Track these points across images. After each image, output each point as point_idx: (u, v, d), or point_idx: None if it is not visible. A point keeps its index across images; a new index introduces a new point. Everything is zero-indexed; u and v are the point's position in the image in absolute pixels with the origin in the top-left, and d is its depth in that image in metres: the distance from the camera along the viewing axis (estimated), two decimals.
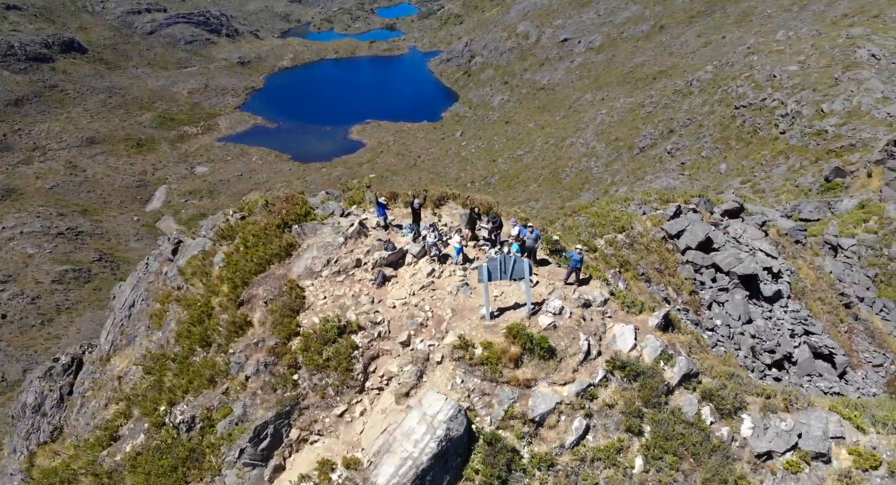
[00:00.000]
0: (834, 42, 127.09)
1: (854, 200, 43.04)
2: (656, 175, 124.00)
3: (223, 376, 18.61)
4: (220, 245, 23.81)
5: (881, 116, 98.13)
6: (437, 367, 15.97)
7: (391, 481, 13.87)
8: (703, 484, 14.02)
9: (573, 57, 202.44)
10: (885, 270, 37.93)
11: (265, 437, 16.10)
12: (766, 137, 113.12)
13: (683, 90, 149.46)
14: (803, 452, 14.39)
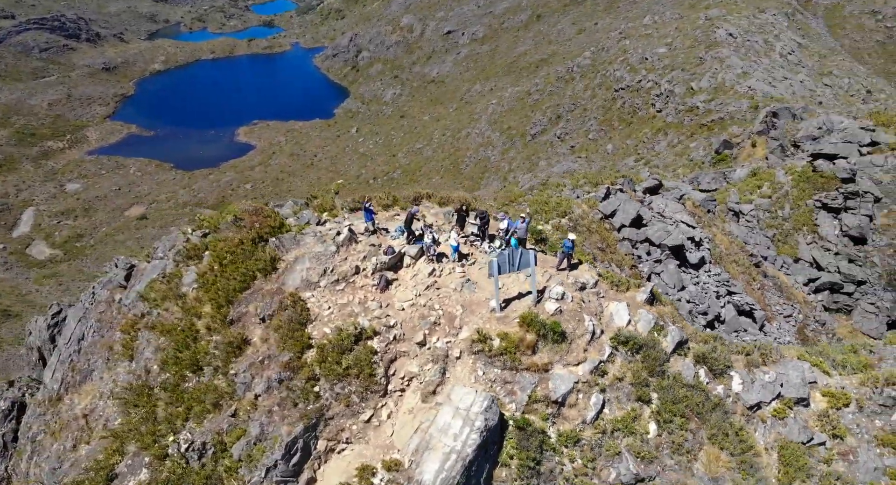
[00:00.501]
0: (695, 24, 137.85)
1: (745, 169, 47.98)
2: (550, 161, 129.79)
3: (228, 398, 18.29)
4: (187, 266, 22.97)
5: (743, 90, 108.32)
6: (456, 362, 16.72)
7: (439, 477, 14.52)
8: (709, 439, 15.89)
9: (458, 49, 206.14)
10: (780, 230, 42.85)
11: (295, 452, 16.19)
12: (645, 117, 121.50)
13: (566, 77, 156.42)
14: (786, 399, 16.63)
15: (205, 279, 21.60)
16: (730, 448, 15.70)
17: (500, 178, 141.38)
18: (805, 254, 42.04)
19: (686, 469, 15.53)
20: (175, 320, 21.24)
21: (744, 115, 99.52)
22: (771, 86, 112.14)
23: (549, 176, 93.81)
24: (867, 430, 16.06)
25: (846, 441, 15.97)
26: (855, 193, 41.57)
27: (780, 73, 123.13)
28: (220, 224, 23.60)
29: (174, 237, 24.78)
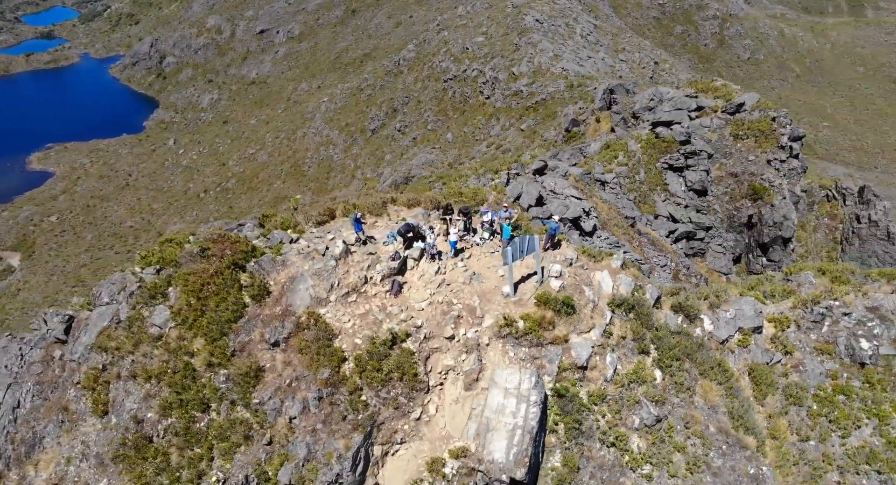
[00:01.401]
0: (504, 12, 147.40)
1: (598, 143, 54.02)
2: (396, 154, 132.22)
3: (259, 427, 18.05)
4: (150, 306, 21.56)
5: (558, 72, 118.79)
6: (487, 349, 18.22)
7: (511, 452, 16.11)
8: (701, 375, 19.15)
9: (276, 48, 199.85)
10: (639, 193, 49.20)
11: (359, 461, 16.73)
12: (476, 104, 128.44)
13: (394, 70, 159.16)
14: (746, 330, 20.40)
15: (184, 316, 20.62)
16: (718, 379, 19.12)
17: (348, 175, 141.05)
18: (662, 210, 48.85)
19: (689, 403, 18.67)
20: (161, 364, 20.08)
21: (562, 94, 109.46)
22: (580, 65, 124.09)
23: (409, 169, 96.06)
24: (807, 343, 20.44)
25: (794, 355, 20.18)
26: (693, 153, 49.06)
27: (585, 53, 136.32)
28: (177, 258, 22.37)
29: (121, 279, 22.89)
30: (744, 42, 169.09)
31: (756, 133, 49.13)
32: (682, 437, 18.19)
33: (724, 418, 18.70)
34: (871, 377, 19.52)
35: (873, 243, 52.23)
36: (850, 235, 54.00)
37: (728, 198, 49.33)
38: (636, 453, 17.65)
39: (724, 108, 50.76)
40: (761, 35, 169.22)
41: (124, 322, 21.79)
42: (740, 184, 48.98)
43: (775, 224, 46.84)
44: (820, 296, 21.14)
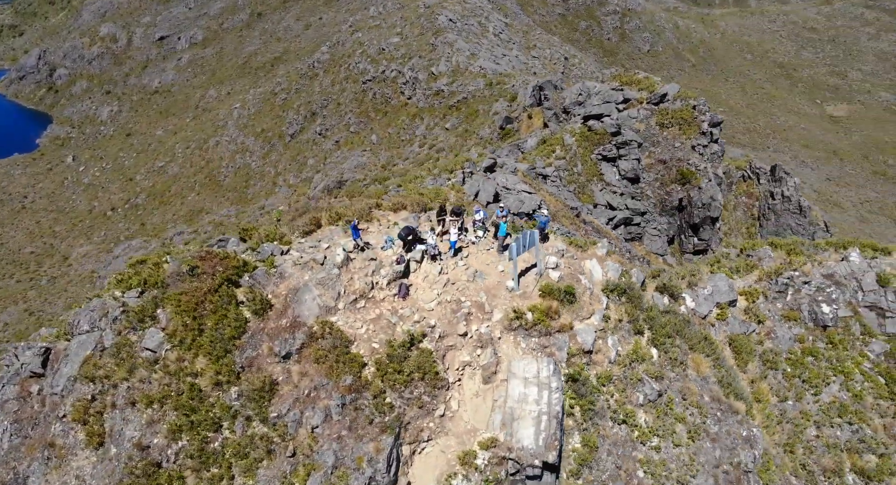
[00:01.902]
0: (417, 12, 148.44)
1: (534, 139, 55.94)
2: (318, 158, 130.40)
3: (280, 440, 17.95)
4: (139, 330, 20.76)
5: (476, 70, 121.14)
6: (499, 342, 18.94)
7: (540, 437, 16.95)
8: (691, 349, 20.70)
9: (179, 55, 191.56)
10: (578, 184, 51.45)
11: (392, 462, 17.02)
12: (398, 104, 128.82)
13: (309, 73, 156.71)
14: (723, 304, 22.19)
15: (180, 337, 20.06)
16: (705, 352, 20.74)
17: (269, 183, 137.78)
18: (600, 199, 51.30)
19: (684, 376, 20.16)
20: (162, 387, 19.45)
21: (483, 92, 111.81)
22: (496, 63, 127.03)
23: (342, 173, 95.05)
24: (775, 312, 22.50)
25: (766, 324, 22.18)
26: (624, 143, 51.78)
27: (499, 50, 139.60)
28: (162, 279, 21.60)
29: (101, 305, 21.80)
30: (643, 35, 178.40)
31: (679, 121, 52.53)
32: (682, 408, 19.65)
33: (716, 387, 20.35)
34: (833, 338, 21.81)
35: (787, 217, 57.22)
36: (766, 210, 58.86)
37: (659, 184, 52.49)
38: (644, 427, 18.92)
39: (648, 100, 53.89)
40: (658, 28, 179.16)
41: (110, 349, 20.92)
42: (669, 170, 52.23)
43: (703, 205, 50.35)
44: (781, 268, 23.36)
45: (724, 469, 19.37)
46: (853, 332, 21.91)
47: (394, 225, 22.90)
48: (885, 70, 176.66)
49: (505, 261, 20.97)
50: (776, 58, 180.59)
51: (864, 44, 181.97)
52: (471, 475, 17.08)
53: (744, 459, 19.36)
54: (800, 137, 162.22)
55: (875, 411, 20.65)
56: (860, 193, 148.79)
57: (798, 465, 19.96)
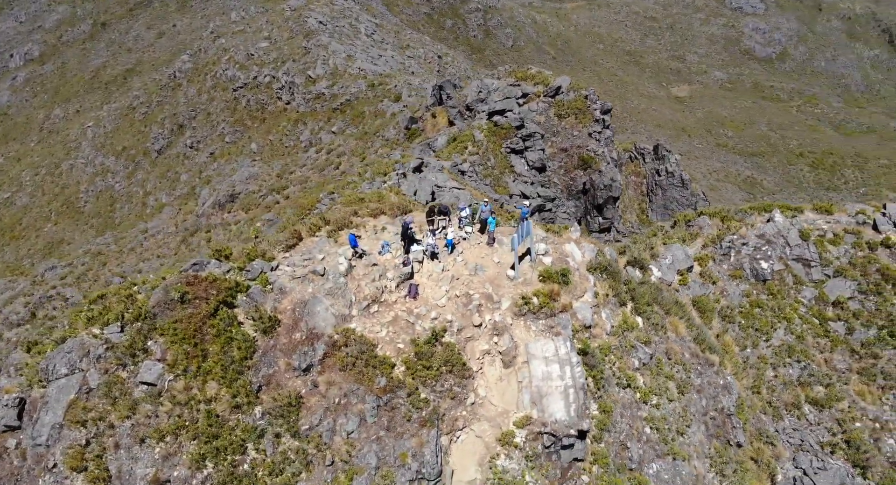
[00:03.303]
0: (284, 16, 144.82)
1: (444, 137, 57.54)
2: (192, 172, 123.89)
3: (316, 451, 18.04)
4: (131, 365, 19.68)
5: (355, 72, 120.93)
6: (511, 328, 20.17)
7: (570, 408, 18.47)
8: (667, 314, 23.14)
9: (13, 73, 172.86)
10: (493, 177, 53.78)
11: (437, 453, 17.78)
12: (276, 110, 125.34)
13: (170, 84, 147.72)
14: (682, 271, 24.88)
15: (184, 366, 19.37)
16: (679, 314, 23.25)
17: (138, 204, 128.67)
18: (514, 189, 53.90)
19: (666, 339, 22.55)
20: (174, 419, 18.68)
21: (366, 94, 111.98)
22: (374, 64, 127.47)
23: (233, 185, 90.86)
24: (724, 273, 25.61)
25: (718, 284, 25.21)
26: (528, 135, 54.73)
27: (375, 51, 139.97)
28: (147, 310, 20.48)
29: (79, 344, 20.21)
30: (505, 31, 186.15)
31: (575, 111, 56.47)
32: (669, 367, 22.03)
33: (692, 344, 22.98)
34: (772, 289, 25.32)
35: (672, 191, 63.46)
36: (653, 187, 64.84)
37: (563, 171, 56.15)
38: (644, 388, 21.04)
39: (545, 93, 57.34)
40: (519, 24, 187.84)
41: (99, 389, 19.82)
42: (571, 157, 56.02)
43: (605, 187, 54.62)
44: (722, 233, 26.64)
45: (710, 416, 22.03)
46: (787, 282, 25.59)
47: (382, 230, 23.33)
48: (717, 51, 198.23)
49: (498, 253, 22.22)
50: (624, 46, 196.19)
51: (697, 29, 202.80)
52: (512, 454, 18.24)
53: (725, 404, 22.12)
54: (652, 118, 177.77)
55: (816, 348, 24.34)
56: (707, 164, 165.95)
57: (765, 403, 23.12)
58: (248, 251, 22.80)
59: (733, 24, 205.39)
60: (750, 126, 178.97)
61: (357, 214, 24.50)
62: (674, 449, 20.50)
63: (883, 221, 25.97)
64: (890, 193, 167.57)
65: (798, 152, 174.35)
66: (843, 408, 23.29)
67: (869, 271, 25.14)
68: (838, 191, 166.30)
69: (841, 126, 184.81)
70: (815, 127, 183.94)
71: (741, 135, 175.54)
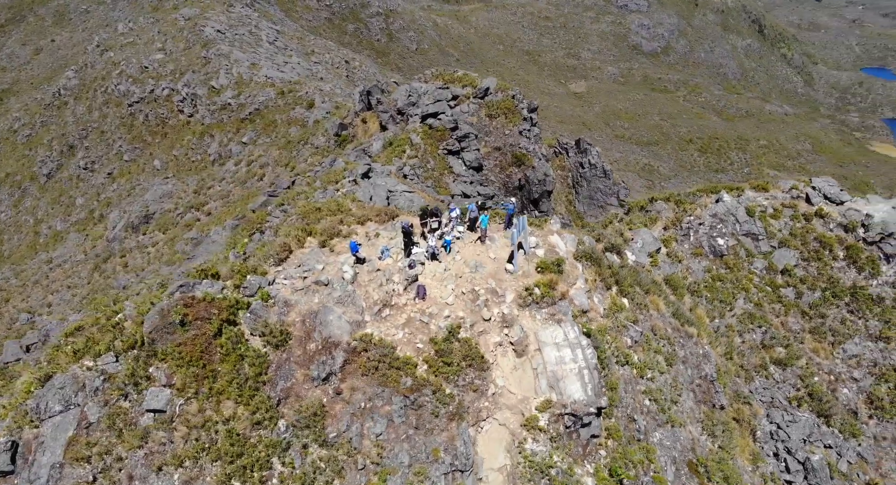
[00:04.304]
0: (177, 26, 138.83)
1: (379, 142, 57.63)
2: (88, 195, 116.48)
3: (347, 457, 18.18)
4: (135, 394, 18.87)
5: (262, 80, 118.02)
6: (518, 318, 21.05)
7: (587, 388, 19.63)
8: (647, 293, 24.79)
9: None
10: (434, 179, 54.55)
11: (468, 444, 18.41)
12: (179, 124, 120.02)
13: (55, 103, 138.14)
14: (652, 252, 26.70)
15: (195, 389, 18.88)
16: (657, 292, 25.00)
17: (29, 234, 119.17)
18: (455, 190, 54.92)
19: (650, 316, 24.22)
20: (192, 444, 18.15)
21: (276, 102, 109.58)
22: (281, 71, 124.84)
23: (146, 205, 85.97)
24: (687, 251, 27.72)
25: (683, 263, 27.31)
26: (463, 137, 55.92)
27: (280, 58, 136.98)
28: (140, 337, 19.65)
29: (72, 379, 19.04)
30: (408, 34, 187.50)
31: (504, 111, 58.30)
32: (656, 342, 23.72)
33: (672, 319, 24.83)
34: (729, 263, 27.76)
35: (596, 182, 66.93)
36: (579, 178, 68.05)
37: (499, 169, 57.81)
38: (639, 364, 22.56)
39: (474, 94, 58.81)
40: (421, 27, 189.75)
41: (99, 423, 19.05)
42: (505, 155, 57.78)
43: (539, 182, 56.82)
44: (680, 216, 28.86)
45: (696, 383, 23.94)
46: (741, 256, 28.14)
47: (376, 236, 23.52)
48: (608, 48, 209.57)
49: (492, 249, 23.05)
50: (523, 46, 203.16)
51: (588, 27, 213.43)
52: (538, 437, 19.16)
53: (707, 371, 24.12)
54: (555, 115, 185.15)
55: (772, 313, 26.96)
56: (608, 154, 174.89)
57: (737, 367, 25.38)
58: (240, 268, 22.29)
59: (620, 21, 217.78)
60: (643, 117, 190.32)
61: (343, 223, 24.55)
62: (671, 417, 22.16)
63: (814, 194, 29.15)
64: (770, 171, 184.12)
65: (688, 139, 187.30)
66: (802, 365, 25.99)
67: (808, 240, 28.17)
68: (725, 172, 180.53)
69: (723, 112, 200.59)
70: (701, 114, 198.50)
71: (636, 126, 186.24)
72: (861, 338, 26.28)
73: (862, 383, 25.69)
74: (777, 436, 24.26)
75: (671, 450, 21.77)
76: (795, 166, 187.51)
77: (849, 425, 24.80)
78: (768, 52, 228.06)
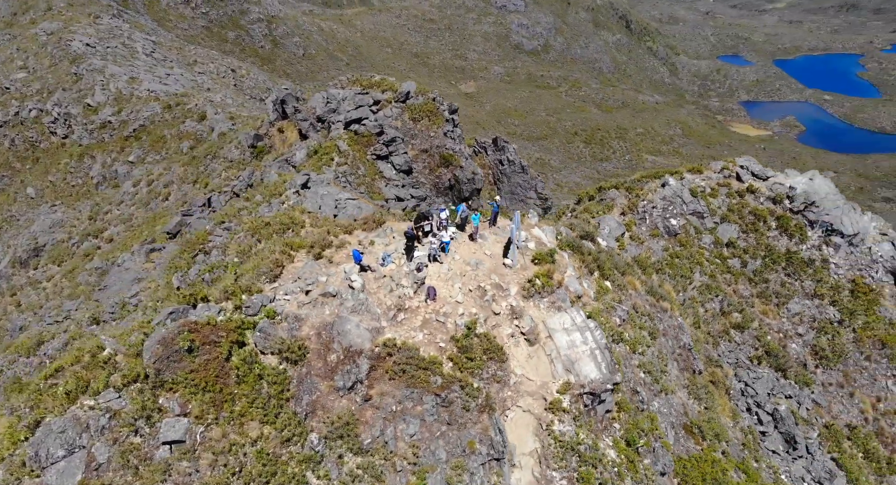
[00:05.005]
0: (39, 42, 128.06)
1: (302, 151, 56.36)
2: None
3: (384, 461, 18.28)
4: (148, 427, 17.88)
5: (144, 94, 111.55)
6: (525, 309, 21.93)
7: (602, 366, 20.88)
8: (623, 274, 26.41)
9: None
10: (365, 184, 54.22)
11: (501, 432, 19.08)
12: (52, 147, 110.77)
13: None
14: (619, 237, 28.48)
15: (214, 414, 18.22)
16: (632, 273, 26.82)
17: None
18: (389, 194, 54.85)
19: (630, 296, 25.89)
20: (221, 469, 17.54)
21: (162, 116, 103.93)
22: (164, 84, 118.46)
23: (34, 237, 78.27)
24: (646, 233, 29.81)
25: (645, 244, 29.40)
26: (390, 141, 55.97)
27: (161, 70, 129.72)
28: (142, 370, 18.56)
29: (72, 421, 17.68)
30: (294, 40, 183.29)
31: (427, 113, 58.99)
32: (639, 319, 25.51)
33: (648, 296, 26.73)
34: (682, 241, 30.25)
35: (515, 177, 69.38)
36: (500, 175, 70.20)
37: (428, 170, 58.41)
38: (630, 340, 24.16)
39: (396, 98, 59.03)
40: (305, 32, 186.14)
41: (111, 462, 18.10)
42: (432, 157, 58.47)
43: (469, 180, 58.08)
44: (634, 202, 30.99)
45: (677, 353, 25.99)
46: (690, 233, 30.74)
47: (370, 244, 23.46)
48: (492, 48, 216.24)
49: (484, 247, 23.78)
50: (411, 49, 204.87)
51: (471, 28, 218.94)
52: (563, 418, 20.17)
53: (685, 341, 26.24)
54: None
55: (724, 282, 29.71)
56: None
57: (705, 334, 27.79)
58: (234, 289, 21.50)
59: (501, 21, 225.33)
60: (531, 113, 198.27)
61: (329, 233, 24.33)
62: (664, 386, 23.97)
63: (743, 172, 32.42)
64: (649, 157, 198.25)
65: (573, 132, 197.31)
66: (755, 327, 28.90)
67: (744, 214, 31.30)
68: (609, 161, 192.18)
69: (602, 104, 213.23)
70: (583, 107, 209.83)
71: (526, 122, 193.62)
72: (800, 297, 29.64)
73: (806, 337, 29.00)
74: (746, 392, 26.87)
75: (668, 416, 23.55)
76: (670, 150, 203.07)
77: (802, 376, 27.92)
78: (636, 45, 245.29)
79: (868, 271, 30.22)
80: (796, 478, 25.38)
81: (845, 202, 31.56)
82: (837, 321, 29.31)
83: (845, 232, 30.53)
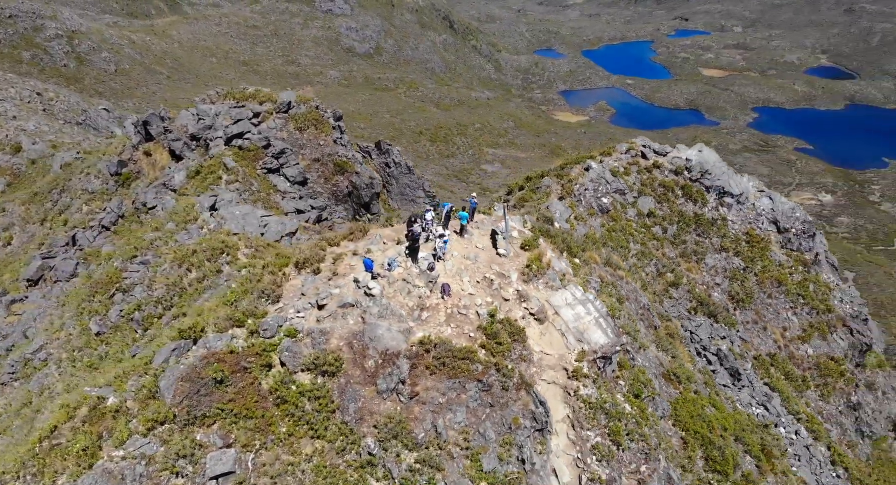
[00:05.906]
0: None
1: (181, 173, 52.45)
2: None
3: (439, 450, 18.92)
4: (190, 465, 16.87)
5: None
6: (529, 292, 23.41)
7: (607, 331, 23.04)
8: (583, 251, 28.83)
9: None
10: (262, 200, 51.92)
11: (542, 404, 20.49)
12: None
13: None
14: (568, 218, 30.90)
15: (261, 440, 17.96)
16: (589, 248, 29.31)
17: None
18: (288, 207, 52.85)
19: (593, 268, 28.37)
20: None
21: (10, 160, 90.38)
22: None
23: None
24: (584, 212, 32.56)
25: (587, 222, 32.15)
26: (279, 153, 53.98)
27: None
28: (167, 411, 17.35)
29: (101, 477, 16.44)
30: (102, 55, 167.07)
31: (312, 122, 57.73)
32: (606, 288, 28.16)
33: (606, 268, 29.48)
34: (614, 217, 33.51)
35: (403, 178, 70.34)
36: (388, 178, 70.65)
37: (324, 179, 57.18)
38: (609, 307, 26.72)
39: (277, 109, 57.04)
40: (115, 46, 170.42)
41: None
42: (326, 165, 57.34)
43: (367, 185, 57.88)
44: (569, 187, 33.68)
45: (641, 314, 29.04)
46: (619, 209, 34.15)
47: (367, 252, 23.41)
48: (324, 52, 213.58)
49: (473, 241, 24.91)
50: (238, 57, 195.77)
51: (299, 33, 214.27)
52: (586, 383, 22.03)
53: (644, 302, 29.37)
54: None
55: (654, 248, 33.49)
56: None
57: (651, 295, 31.25)
58: (240, 316, 20.54)
59: (329, 25, 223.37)
60: (375, 116, 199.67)
61: (320, 248, 24.00)
62: (642, 343, 26.78)
63: (647, 151, 36.61)
64: (489, 150, 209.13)
65: (418, 131, 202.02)
66: (684, 282, 33.01)
67: (655, 187, 35.42)
68: (455, 157, 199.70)
69: (440, 103, 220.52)
70: (423, 107, 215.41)
71: (372, 125, 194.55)
72: (712, 252, 34.36)
73: (723, 285, 33.73)
74: (693, 339, 30.73)
75: (650, 368, 26.38)
76: (507, 142, 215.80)
77: (728, 319, 32.52)
78: (462, 45, 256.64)
79: (756, 223, 35.86)
80: (745, 404, 29.70)
81: (728, 168, 37.08)
82: (743, 268, 34.50)
83: (734, 193, 35.89)
